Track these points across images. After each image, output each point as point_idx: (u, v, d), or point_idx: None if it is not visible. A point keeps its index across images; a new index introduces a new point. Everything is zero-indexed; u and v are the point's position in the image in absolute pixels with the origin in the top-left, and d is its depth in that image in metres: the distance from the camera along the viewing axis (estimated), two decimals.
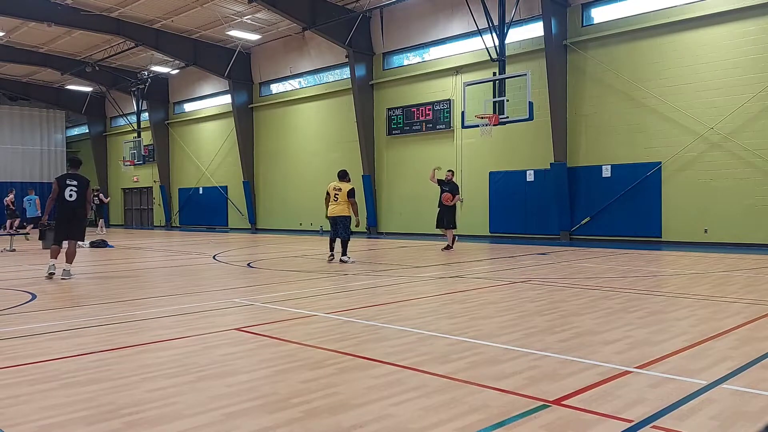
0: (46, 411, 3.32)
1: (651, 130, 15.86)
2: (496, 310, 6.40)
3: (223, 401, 3.45)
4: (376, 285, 8.53)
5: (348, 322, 5.78)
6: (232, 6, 21.37)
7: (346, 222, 11.66)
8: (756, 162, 14.22)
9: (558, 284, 8.32)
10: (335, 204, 11.63)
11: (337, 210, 11.63)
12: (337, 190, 11.66)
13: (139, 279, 9.74)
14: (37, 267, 11.38)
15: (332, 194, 11.71)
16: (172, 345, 4.92)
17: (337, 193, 11.65)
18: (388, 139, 21.74)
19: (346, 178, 11.86)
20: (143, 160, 30.21)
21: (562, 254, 13.17)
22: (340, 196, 11.60)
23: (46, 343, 5.02)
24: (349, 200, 11.56)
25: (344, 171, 12.06)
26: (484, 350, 4.59)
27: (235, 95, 26.29)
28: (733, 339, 4.87)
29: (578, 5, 17.03)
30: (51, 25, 22.11)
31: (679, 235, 15.37)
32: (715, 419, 3.09)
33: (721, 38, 14.68)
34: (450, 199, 14.17)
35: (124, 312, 6.48)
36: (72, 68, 28.09)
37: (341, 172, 12.02)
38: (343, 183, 11.74)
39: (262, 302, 7.02)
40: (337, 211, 11.63)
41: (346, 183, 11.75)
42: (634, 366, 4.09)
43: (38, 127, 34.89)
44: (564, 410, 3.25)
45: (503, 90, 16.24)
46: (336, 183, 11.79)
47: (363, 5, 20.69)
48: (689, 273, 9.47)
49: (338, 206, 11.60)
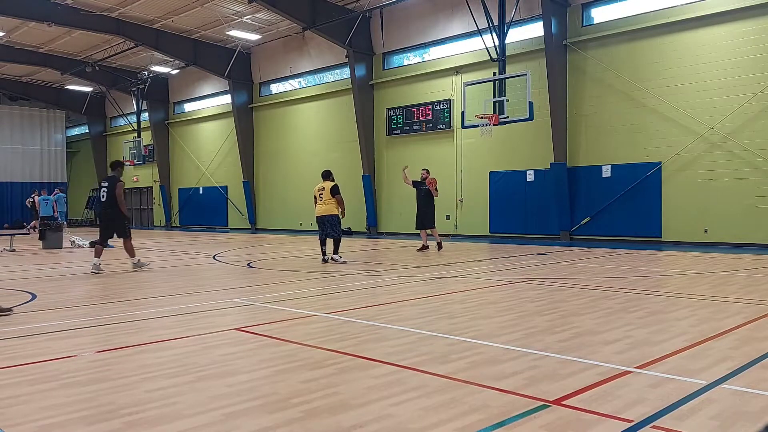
0: (46, 411, 3.32)
1: (651, 130, 15.86)
2: (496, 310, 6.40)
3: (223, 401, 3.45)
4: (376, 285, 8.52)
5: (348, 322, 5.78)
6: (232, 6, 21.37)
7: (333, 221, 11.73)
8: (756, 162, 14.22)
9: (558, 284, 8.32)
10: (321, 204, 11.78)
11: (322, 210, 11.74)
12: (321, 190, 11.81)
13: (139, 279, 9.73)
14: (37, 267, 11.38)
15: (317, 195, 11.87)
16: (172, 345, 4.92)
17: (321, 193, 11.79)
18: (388, 139, 21.74)
19: (329, 178, 11.96)
20: (143, 160, 30.22)
21: (562, 254, 13.16)
22: (324, 195, 11.73)
23: (45, 343, 5.02)
24: (334, 198, 11.67)
25: (327, 171, 12.19)
26: (484, 350, 4.59)
27: (235, 95, 26.29)
28: (733, 339, 4.87)
29: (578, 5, 17.03)
30: (51, 25, 22.12)
31: (679, 235, 15.37)
32: (715, 419, 3.09)
33: (721, 38, 14.68)
34: (435, 184, 13.88)
35: (124, 312, 6.48)
36: (72, 68, 28.09)
37: (324, 172, 12.16)
38: (327, 182, 11.86)
39: (262, 302, 7.02)
40: (323, 210, 11.74)
41: (329, 182, 11.85)
42: (634, 366, 4.08)
43: (38, 127, 34.90)
44: (564, 410, 3.25)
45: (503, 90, 16.24)
46: (320, 183, 11.96)
47: (363, 5, 20.69)
48: (689, 273, 9.47)
49: (324, 206, 11.72)
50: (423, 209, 14.11)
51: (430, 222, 14.16)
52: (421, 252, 13.89)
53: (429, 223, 14.14)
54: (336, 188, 11.74)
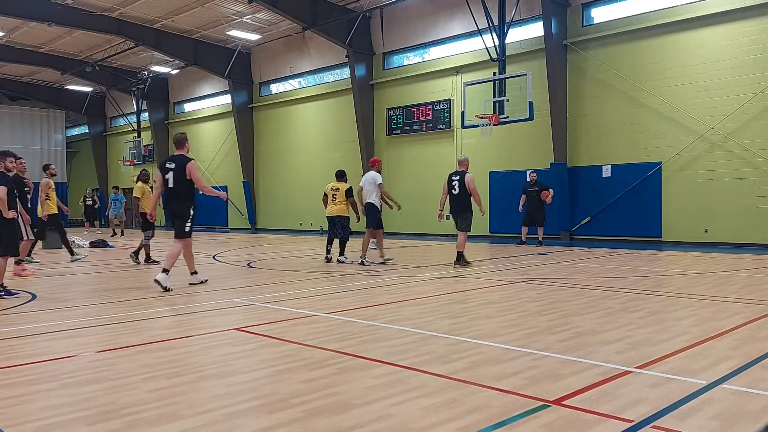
0: (46, 411, 3.32)
1: (651, 130, 15.86)
2: (497, 310, 6.40)
3: (223, 401, 3.45)
4: (376, 285, 8.52)
5: (348, 322, 5.78)
6: (232, 6, 21.37)
7: (344, 222, 11.75)
8: (756, 162, 14.21)
9: (558, 284, 8.32)
10: (333, 204, 11.77)
11: (335, 210, 11.74)
12: (335, 191, 11.80)
13: (139, 279, 9.74)
14: (36, 267, 11.37)
15: (330, 194, 11.85)
16: (172, 345, 4.92)
17: (334, 194, 11.79)
18: (388, 139, 21.73)
19: (343, 178, 11.96)
20: (143, 159, 30.18)
21: (562, 254, 13.16)
22: (338, 196, 11.73)
23: (45, 343, 5.02)
24: (347, 200, 11.67)
25: (341, 171, 12.14)
26: (484, 350, 4.59)
27: (235, 95, 26.28)
28: (734, 339, 4.87)
29: (578, 5, 17.03)
30: (51, 25, 22.11)
31: (680, 235, 15.37)
32: (715, 419, 3.09)
33: (722, 38, 14.67)
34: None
35: (124, 312, 6.48)
36: (72, 68, 28.08)
37: (338, 172, 12.12)
38: (341, 183, 11.86)
39: (262, 302, 7.02)
40: (335, 210, 11.74)
41: (344, 183, 11.87)
42: (635, 366, 4.08)
43: (38, 127, 34.86)
44: (564, 410, 3.25)
45: (503, 90, 16.23)
46: (333, 183, 11.93)
47: (363, 5, 20.68)
48: (689, 273, 9.47)
49: (336, 206, 11.73)
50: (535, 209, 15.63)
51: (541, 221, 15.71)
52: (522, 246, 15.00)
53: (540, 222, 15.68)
54: (350, 191, 11.73)
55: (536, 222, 15.62)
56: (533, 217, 15.65)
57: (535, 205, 15.55)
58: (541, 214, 15.62)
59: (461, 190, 10.73)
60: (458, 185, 10.74)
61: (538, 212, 15.59)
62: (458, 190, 10.74)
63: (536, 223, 15.62)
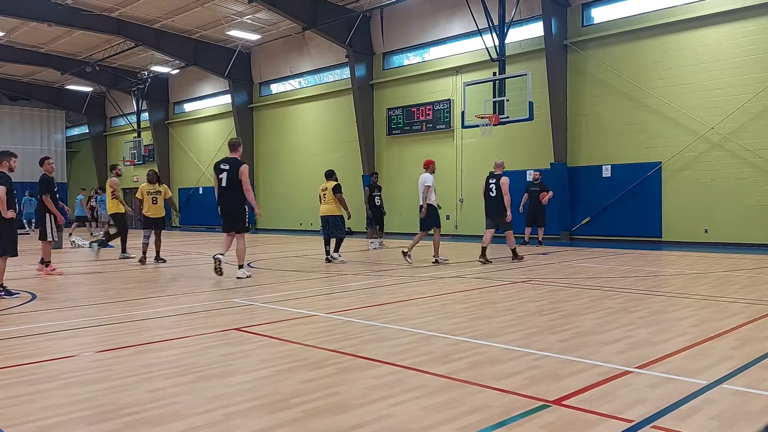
0: (46, 411, 3.31)
1: (651, 130, 15.86)
2: (497, 310, 6.39)
3: (223, 401, 3.45)
4: (376, 285, 8.52)
5: (348, 322, 5.78)
6: (232, 6, 21.37)
7: (336, 221, 11.83)
8: (756, 162, 14.21)
9: (558, 284, 8.32)
10: (324, 204, 11.94)
11: (326, 209, 11.89)
12: (324, 190, 11.97)
13: (139, 279, 9.73)
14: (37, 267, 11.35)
15: (321, 195, 12.03)
16: (172, 345, 4.92)
17: (324, 193, 11.95)
18: (388, 139, 21.73)
19: (332, 177, 12.09)
20: (143, 160, 30.21)
21: (562, 254, 13.16)
22: (327, 195, 11.89)
23: (45, 343, 5.02)
24: (335, 196, 11.74)
25: (330, 170, 12.30)
26: (484, 350, 4.59)
27: (235, 95, 26.29)
28: (734, 339, 4.87)
29: (578, 5, 17.03)
30: (51, 25, 22.12)
31: (680, 235, 15.37)
32: (715, 419, 3.09)
33: (722, 38, 14.67)
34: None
35: (124, 312, 6.48)
36: (72, 68, 28.09)
37: (327, 171, 12.29)
38: (329, 182, 11.99)
39: (262, 302, 7.02)
40: (326, 210, 11.87)
41: (332, 181, 11.98)
42: (635, 366, 4.08)
43: (38, 127, 34.88)
44: (564, 410, 3.24)
45: (503, 90, 16.23)
46: (324, 183, 12.10)
47: (363, 5, 20.69)
48: (689, 273, 9.47)
49: (327, 205, 11.88)
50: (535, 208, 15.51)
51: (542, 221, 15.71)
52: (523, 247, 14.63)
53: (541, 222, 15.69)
54: (337, 188, 11.82)
55: (538, 222, 15.63)
56: (535, 217, 15.65)
57: (536, 204, 15.55)
58: (542, 215, 15.61)
59: (498, 192, 11.09)
60: (495, 188, 11.11)
61: (540, 212, 15.58)
62: (495, 192, 11.20)
63: (538, 223, 15.63)
